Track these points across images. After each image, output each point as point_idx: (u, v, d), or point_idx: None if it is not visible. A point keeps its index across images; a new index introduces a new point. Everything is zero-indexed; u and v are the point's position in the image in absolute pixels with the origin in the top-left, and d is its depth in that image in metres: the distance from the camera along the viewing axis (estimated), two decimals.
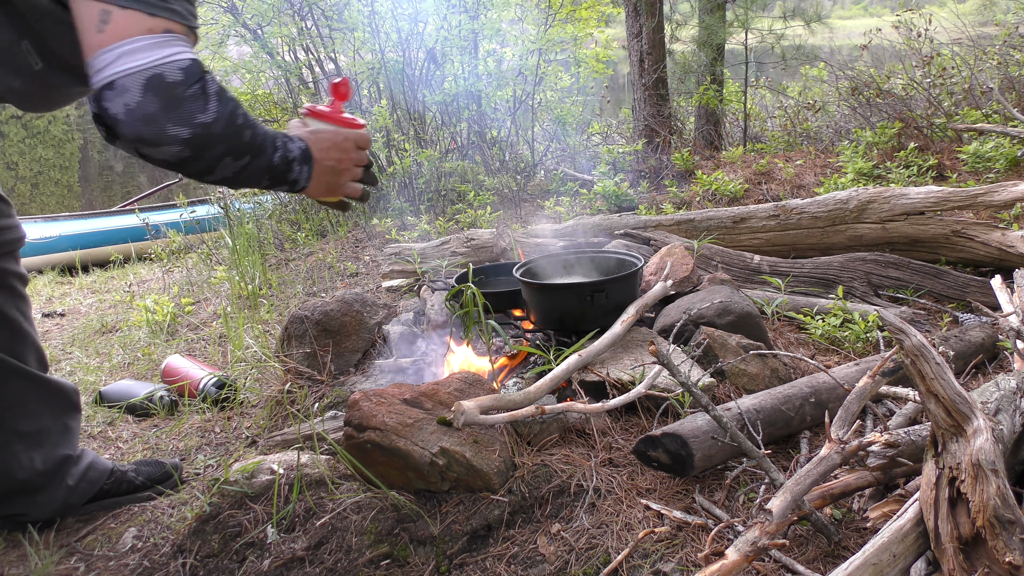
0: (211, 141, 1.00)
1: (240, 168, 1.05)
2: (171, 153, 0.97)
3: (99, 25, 0.94)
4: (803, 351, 2.14)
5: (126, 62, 0.94)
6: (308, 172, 1.15)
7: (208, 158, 1.01)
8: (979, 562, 0.96)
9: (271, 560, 1.34)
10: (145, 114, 0.94)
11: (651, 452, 1.46)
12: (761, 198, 4.19)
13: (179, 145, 0.97)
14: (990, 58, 5.80)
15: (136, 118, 0.94)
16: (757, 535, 1.04)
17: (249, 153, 1.06)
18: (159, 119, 0.95)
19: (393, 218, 4.37)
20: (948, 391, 1.05)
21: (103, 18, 0.94)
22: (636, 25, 5.72)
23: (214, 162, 1.02)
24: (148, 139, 0.95)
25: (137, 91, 0.93)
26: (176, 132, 0.96)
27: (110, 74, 0.93)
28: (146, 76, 0.94)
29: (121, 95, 0.93)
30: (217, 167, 1.03)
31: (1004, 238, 2.55)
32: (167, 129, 0.95)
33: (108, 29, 0.94)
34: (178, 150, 0.97)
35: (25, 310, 1.49)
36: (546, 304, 2.00)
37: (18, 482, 1.46)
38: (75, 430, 1.58)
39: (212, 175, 1.05)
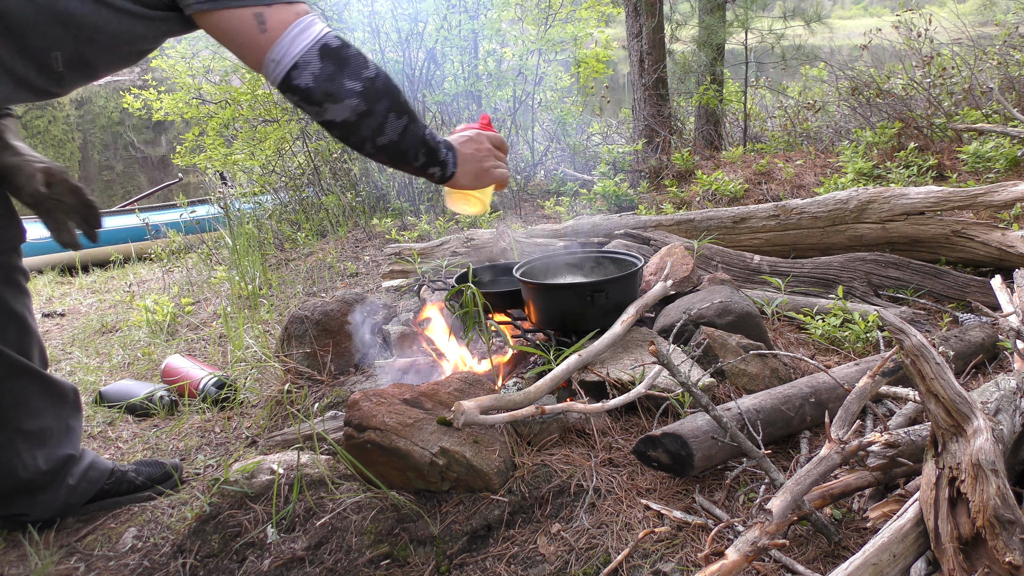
0: (377, 94, 1.16)
1: (403, 129, 1.20)
2: (351, 107, 1.14)
3: (259, 27, 1.10)
4: (803, 351, 2.14)
5: (299, 43, 1.11)
6: (454, 158, 1.30)
7: (378, 112, 1.16)
8: (979, 562, 0.96)
9: (271, 560, 1.34)
10: (328, 75, 1.12)
11: (651, 452, 1.46)
12: (761, 198, 4.19)
13: (356, 97, 1.13)
14: (990, 58, 5.80)
15: (322, 80, 1.11)
16: (757, 535, 1.04)
17: (407, 113, 1.21)
18: (338, 76, 1.12)
19: (393, 218, 4.37)
20: (948, 391, 1.05)
21: (260, 20, 1.10)
22: (636, 25, 5.72)
23: (383, 116, 1.17)
24: (335, 94, 1.12)
25: (316, 61, 1.11)
26: (352, 85, 1.13)
27: (292, 57, 1.10)
28: (319, 48, 1.11)
29: (306, 68, 1.11)
30: (386, 125, 1.18)
31: (1004, 238, 2.55)
32: (345, 83, 1.13)
33: (269, 27, 1.10)
34: (356, 103, 1.14)
35: (30, 306, 1.49)
36: (546, 304, 2.00)
37: (20, 481, 1.46)
38: (77, 430, 1.58)
39: (383, 135, 1.18)
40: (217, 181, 5.69)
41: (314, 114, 1.16)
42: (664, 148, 5.55)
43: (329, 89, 1.12)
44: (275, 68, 1.11)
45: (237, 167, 5.79)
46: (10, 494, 1.48)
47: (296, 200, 5.31)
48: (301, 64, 1.10)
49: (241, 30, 1.10)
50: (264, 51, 1.11)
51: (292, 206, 5.24)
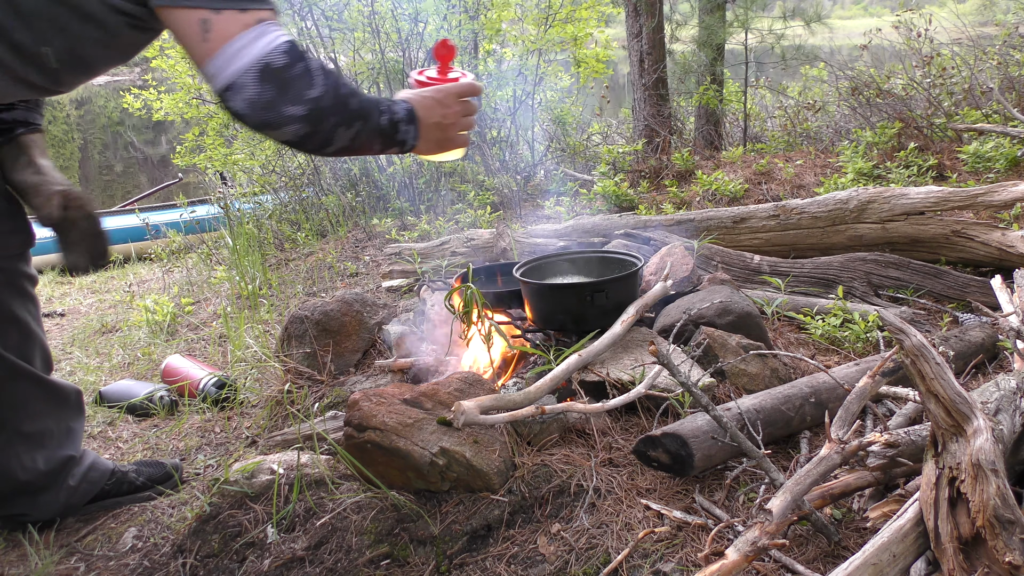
0: (323, 114, 1.07)
1: (354, 135, 1.13)
2: (292, 132, 1.06)
3: (202, 35, 1.02)
4: (803, 351, 2.14)
5: (236, 62, 1.02)
6: (415, 131, 1.22)
7: (324, 130, 1.09)
8: (979, 562, 0.96)
9: (271, 560, 1.34)
10: (265, 102, 1.03)
11: (651, 452, 1.46)
12: (761, 198, 4.19)
13: (297, 123, 1.05)
14: (990, 58, 5.80)
15: (258, 108, 1.03)
16: (757, 535, 1.04)
17: (359, 119, 1.13)
18: (276, 103, 1.03)
19: (393, 218, 4.37)
20: (948, 391, 1.05)
21: (204, 27, 1.02)
22: (636, 25, 5.72)
23: (330, 133, 1.10)
24: (272, 123, 1.04)
25: (253, 85, 1.02)
26: (293, 111, 1.04)
27: (227, 77, 1.02)
28: (257, 69, 1.02)
29: (240, 92, 1.02)
30: (334, 137, 1.11)
31: (1004, 238, 2.55)
32: (285, 110, 1.04)
33: (211, 36, 1.02)
34: (297, 128, 1.05)
35: (34, 311, 1.49)
36: (546, 304, 2.00)
37: (20, 483, 1.46)
38: (78, 431, 1.58)
39: (332, 146, 1.12)
40: (217, 181, 5.68)
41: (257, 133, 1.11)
42: (664, 148, 5.55)
43: (266, 118, 1.04)
44: (212, 82, 1.04)
45: (237, 167, 5.79)
46: (10, 495, 1.48)
47: (296, 200, 5.31)
48: (236, 87, 1.02)
49: (187, 33, 1.04)
50: (203, 62, 1.04)
51: (292, 206, 5.24)
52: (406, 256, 3.14)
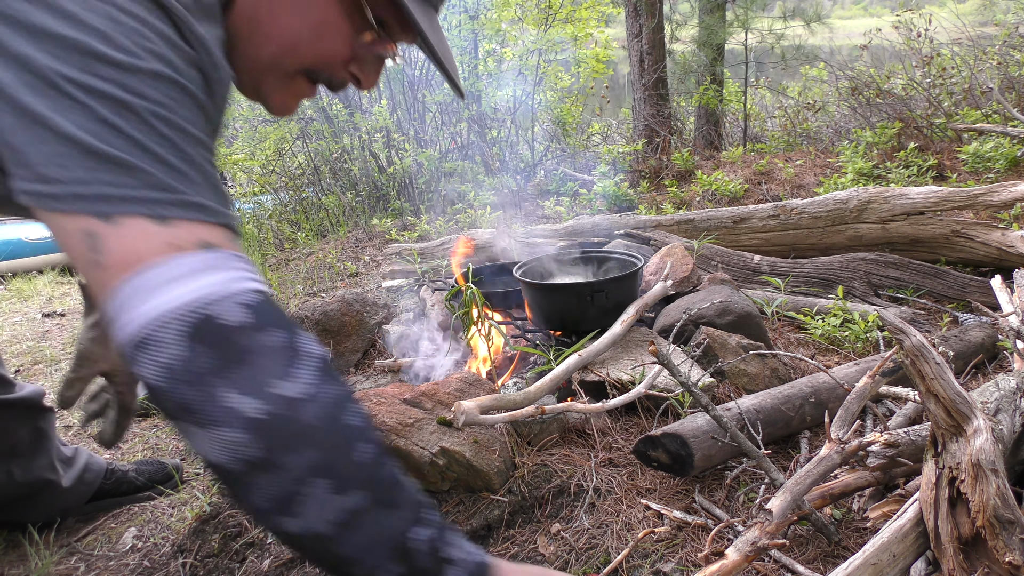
0: (293, 432, 0.60)
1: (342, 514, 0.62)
2: (225, 443, 0.59)
3: (89, 255, 0.61)
4: (803, 351, 2.14)
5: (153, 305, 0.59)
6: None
7: (284, 466, 0.60)
8: (979, 562, 0.96)
9: (271, 560, 1.34)
10: (191, 373, 0.59)
11: (651, 452, 1.46)
12: (761, 198, 4.19)
13: (240, 429, 0.58)
14: (990, 58, 5.80)
15: (183, 381, 0.59)
16: (757, 535, 1.04)
17: (365, 489, 0.63)
18: (212, 380, 0.59)
19: (393, 218, 4.37)
20: (948, 391, 1.05)
21: (92, 244, 0.60)
22: (636, 25, 5.72)
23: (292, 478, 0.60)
24: (195, 409, 0.59)
25: (179, 344, 0.59)
26: (235, 403, 0.59)
27: (137, 328, 0.60)
28: (191, 321, 0.59)
29: (155, 354, 0.59)
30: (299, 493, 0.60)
31: (1004, 238, 2.55)
32: (222, 397, 0.59)
33: (106, 261, 0.60)
34: (237, 437, 0.58)
35: None
36: (546, 304, 1.99)
37: (1, 497, 1.44)
38: (49, 432, 1.52)
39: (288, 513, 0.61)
40: None
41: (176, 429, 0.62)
42: (664, 148, 5.56)
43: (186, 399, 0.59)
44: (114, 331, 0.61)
45: (237, 167, 5.79)
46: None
47: (296, 200, 5.31)
48: (146, 344, 0.59)
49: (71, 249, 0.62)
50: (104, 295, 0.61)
51: (292, 206, 5.24)
52: (406, 256, 3.14)
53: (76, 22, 0.60)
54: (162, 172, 0.62)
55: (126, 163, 0.60)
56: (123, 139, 0.60)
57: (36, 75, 0.59)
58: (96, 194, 0.60)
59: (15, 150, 0.60)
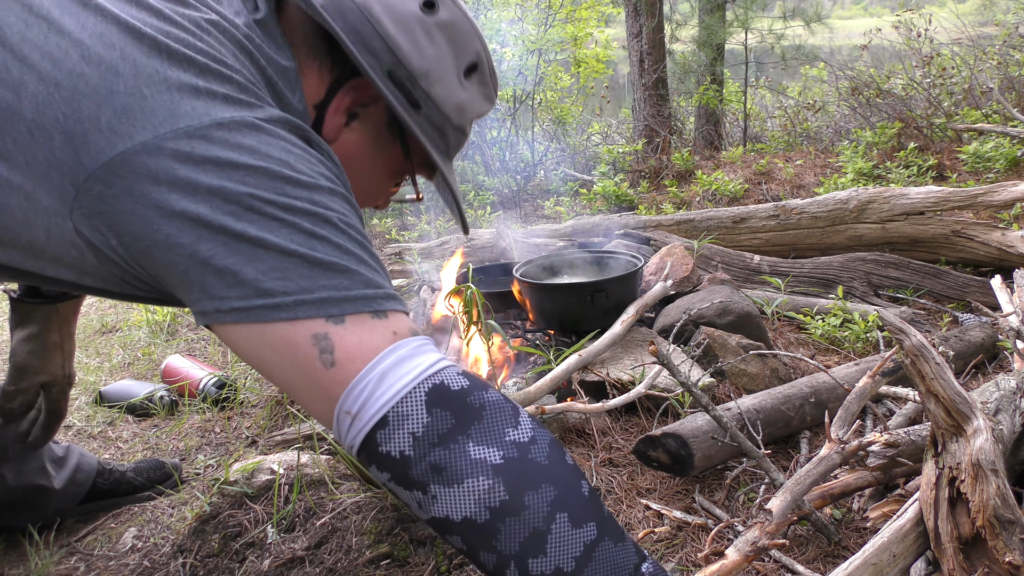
0: (532, 473, 0.66)
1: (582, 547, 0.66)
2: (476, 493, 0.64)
3: (321, 357, 0.65)
4: (803, 351, 2.14)
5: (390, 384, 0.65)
6: None
7: (529, 505, 0.65)
8: (979, 562, 0.96)
9: (271, 560, 1.34)
10: (439, 435, 0.65)
11: (651, 452, 1.46)
12: (761, 198, 4.19)
13: (488, 476, 0.65)
14: (990, 58, 5.80)
15: (429, 444, 0.65)
16: (757, 535, 1.04)
17: (595, 522, 0.68)
18: (456, 437, 0.66)
19: (393, 218, 4.37)
20: (948, 391, 1.05)
21: (323, 346, 0.65)
22: (636, 25, 5.72)
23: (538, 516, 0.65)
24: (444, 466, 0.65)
25: (421, 411, 0.65)
26: (482, 454, 0.65)
27: (376, 411, 0.65)
28: (426, 390, 0.66)
29: (400, 426, 0.65)
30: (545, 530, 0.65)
31: (1004, 238, 2.55)
32: (469, 450, 0.65)
33: (340, 358, 0.65)
34: (488, 485, 0.64)
35: None
36: (546, 304, 1.99)
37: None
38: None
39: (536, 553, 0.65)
40: None
41: (415, 503, 0.68)
42: (664, 148, 5.56)
43: (440, 461, 0.65)
44: (349, 424, 0.67)
45: None
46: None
47: None
48: (393, 419, 0.65)
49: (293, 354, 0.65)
50: (333, 397, 0.66)
51: None
52: (406, 256, 3.14)
53: (258, 153, 0.66)
54: (367, 271, 0.70)
55: (340, 267, 0.67)
56: (330, 246, 0.67)
57: (234, 202, 0.64)
58: (322, 298, 0.66)
59: (223, 273, 0.64)
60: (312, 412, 0.70)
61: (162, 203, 0.63)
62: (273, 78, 0.78)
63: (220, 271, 0.64)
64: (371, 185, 0.97)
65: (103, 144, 0.63)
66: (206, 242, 0.63)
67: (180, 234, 0.63)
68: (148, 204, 0.63)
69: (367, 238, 0.73)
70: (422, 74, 0.86)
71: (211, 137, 0.64)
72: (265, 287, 0.64)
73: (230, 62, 0.71)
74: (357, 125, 0.90)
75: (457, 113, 0.92)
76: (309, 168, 0.69)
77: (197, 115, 0.65)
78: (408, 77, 0.85)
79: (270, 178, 0.65)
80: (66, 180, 0.64)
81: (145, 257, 0.66)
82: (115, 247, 0.66)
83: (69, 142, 0.63)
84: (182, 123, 0.64)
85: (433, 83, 0.87)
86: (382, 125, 0.92)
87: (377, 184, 0.99)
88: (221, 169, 0.64)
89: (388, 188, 1.01)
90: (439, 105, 0.89)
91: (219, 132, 0.65)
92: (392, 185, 1.01)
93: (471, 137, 1.50)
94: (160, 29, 0.69)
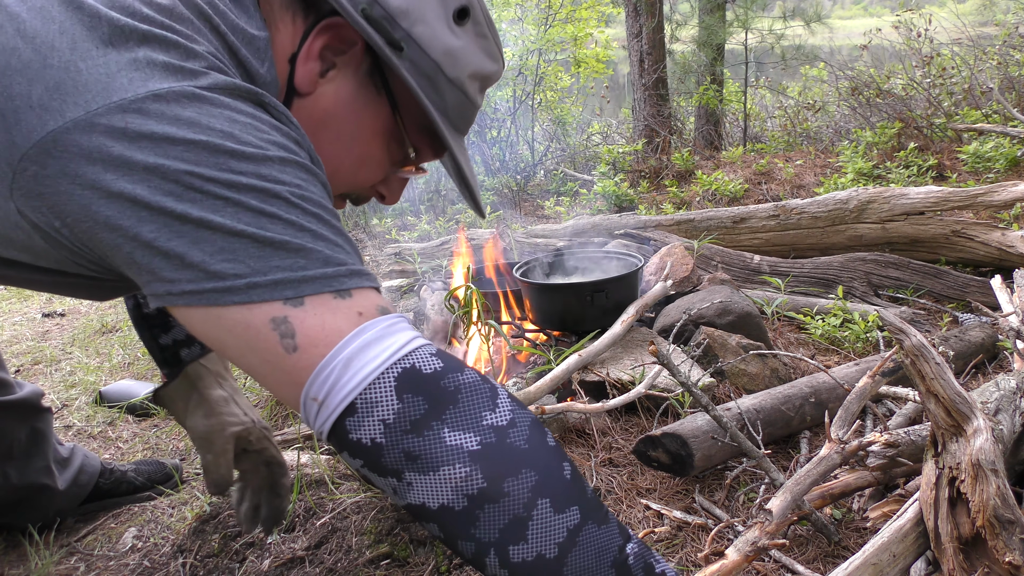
0: (510, 458, 0.63)
1: (565, 532, 0.63)
2: (452, 480, 0.61)
3: (283, 342, 0.62)
4: (803, 351, 2.14)
5: (356, 369, 0.62)
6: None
7: (509, 492, 0.62)
8: (979, 562, 0.96)
9: (271, 560, 1.34)
10: (410, 422, 0.62)
11: (651, 452, 1.46)
12: (761, 198, 4.19)
13: (465, 463, 0.61)
14: (990, 58, 5.80)
15: (401, 431, 0.62)
16: (757, 535, 1.04)
17: (578, 505, 0.65)
18: (430, 423, 0.62)
19: (393, 218, 4.37)
20: (948, 391, 1.05)
21: (283, 330, 0.61)
22: (636, 25, 5.72)
23: (518, 502, 0.62)
24: (418, 453, 0.62)
25: (391, 397, 0.62)
26: (457, 440, 0.62)
27: (342, 398, 0.62)
28: (396, 374, 0.62)
29: (369, 413, 0.62)
30: (526, 516, 0.62)
31: (1004, 238, 2.55)
32: (444, 436, 0.62)
33: (302, 342, 0.62)
34: (465, 472, 0.61)
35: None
36: (546, 304, 2.00)
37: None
38: (47, 433, 1.50)
39: (517, 540, 0.62)
40: None
41: (390, 489, 0.64)
42: (664, 148, 5.56)
43: (414, 448, 0.62)
44: (316, 411, 0.63)
45: None
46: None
47: None
48: (361, 405, 0.62)
49: (252, 339, 0.62)
50: (298, 383, 0.63)
51: None
52: (406, 256, 3.14)
53: (198, 126, 0.61)
54: (326, 247, 0.64)
55: (293, 246, 0.62)
56: (282, 223, 0.62)
57: (173, 181, 0.60)
58: (276, 280, 0.61)
59: (169, 256, 0.60)
60: (279, 397, 0.67)
61: (98, 183, 0.59)
62: (235, 45, 0.73)
63: (166, 253, 0.60)
64: (359, 149, 0.86)
65: (34, 122, 0.59)
66: (147, 224, 0.60)
67: (120, 216, 0.60)
68: (84, 185, 0.59)
69: (328, 210, 0.67)
70: (400, 12, 0.79)
71: (146, 110, 0.60)
72: (215, 270, 0.60)
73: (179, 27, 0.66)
74: (334, 74, 0.81)
75: (449, 61, 0.83)
76: (257, 137, 0.64)
77: (133, 87, 0.60)
78: (385, 17, 0.78)
79: (211, 152, 0.61)
80: (2, 161, 0.61)
81: (89, 238, 0.62)
82: (59, 228, 0.63)
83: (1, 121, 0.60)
84: (116, 96, 0.60)
85: (414, 22, 0.79)
86: (362, 73, 0.83)
87: (367, 149, 0.87)
88: (158, 145, 0.59)
89: (382, 157, 0.89)
90: (424, 48, 0.80)
91: (155, 104, 0.60)
92: (389, 156, 0.90)
93: (471, 137, 1.46)
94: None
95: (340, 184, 0.88)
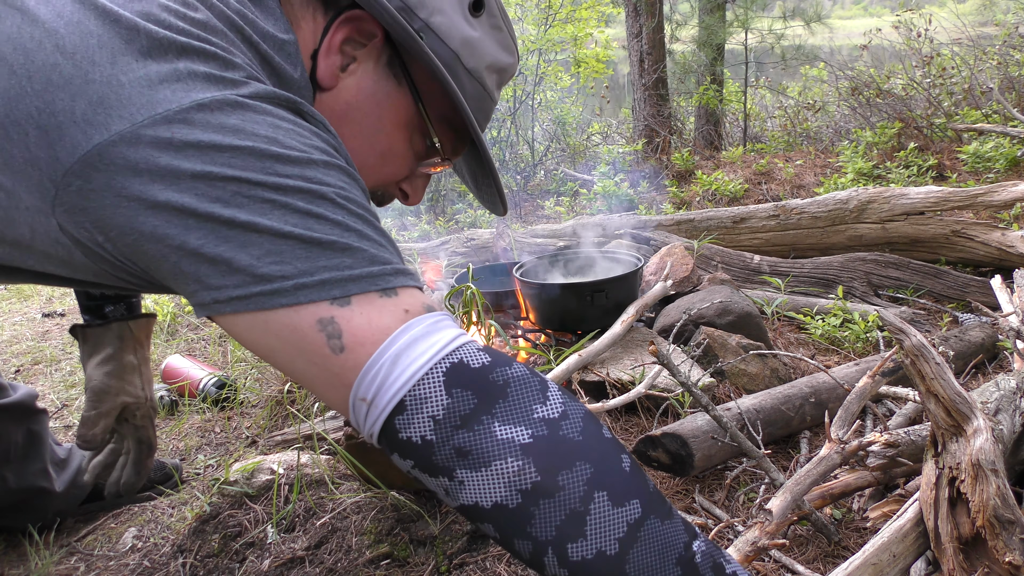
0: (564, 450, 0.61)
1: (625, 527, 0.61)
2: (508, 476, 0.60)
3: (329, 343, 0.61)
4: (803, 351, 2.14)
5: (405, 366, 0.61)
6: None
7: (564, 485, 0.60)
8: (979, 562, 0.96)
9: (271, 560, 1.34)
10: (460, 416, 0.61)
11: (651, 452, 1.46)
12: (761, 198, 4.19)
13: (517, 457, 0.60)
14: (990, 58, 5.80)
15: (451, 427, 0.61)
16: (757, 535, 1.04)
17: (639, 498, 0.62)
18: (481, 418, 0.61)
19: (393, 218, 4.38)
20: (948, 391, 1.05)
21: (330, 331, 0.61)
22: (636, 25, 5.72)
23: (574, 496, 0.60)
24: (472, 451, 0.60)
25: (440, 393, 0.61)
26: (509, 434, 0.60)
27: (391, 396, 0.61)
28: (444, 369, 0.62)
29: (419, 410, 0.61)
30: (583, 511, 0.60)
31: (1004, 238, 2.55)
32: (495, 430, 0.60)
33: (349, 342, 0.61)
34: (517, 466, 0.60)
35: None
36: (546, 304, 2.00)
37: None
38: (43, 434, 1.50)
39: (575, 536, 0.60)
40: None
41: (441, 490, 0.63)
42: (664, 148, 5.56)
43: (465, 443, 0.61)
44: (365, 412, 0.63)
45: None
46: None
47: None
48: (410, 402, 0.61)
49: (300, 341, 0.62)
50: (346, 384, 0.62)
51: None
52: (406, 256, 3.14)
53: (243, 133, 0.61)
54: (371, 247, 0.64)
55: (340, 245, 0.62)
56: (328, 223, 0.62)
57: (220, 187, 0.60)
58: (323, 280, 0.61)
59: (216, 262, 0.60)
60: (327, 401, 0.66)
61: (144, 195, 0.59)
62: (268, 53, 0.74)
63: (213, 260, 0.60)
64: (383, 142, 0.86)
65: (79, 137, 0.59)
66: (194, 232, 0.60)
67: (167, 226, 0.60)
68: (130, 197, 0.60)
69: (371, 211, 0.67)
70: (418, 2, 0.80)
71: (192, 120, 0.60)
72: (262, 272, 0.60)
73: (215, 40, 0.67)
74: (355, 68, 0.82)
75: (467, 51, 0.84)
76: (300, 142, 0.64)
77: (176, 98, 0.60)
78: (402, 8, 0.80)
79: (257, 158, 0.61)
80: (44, 177, 0.61)
81: (134, 251, 0.62)
82: (102, 243, 0.63)
83: (44, 137, 0.60)
84: (160, 108, 0.60)
85: (432, 12, 0.81)
86: (383, 65, 0.83)
87: (390, 142, 0.86)
88: (204, 153, 0.60)
89: (406, 150, 0.88)
90: (443, 38, 0.82)
91: (200, 114, 0.60)
92: (412, 150, 0.90)
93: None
94: (140, 12, 0.65)
95: (365, 180, 0.87)
